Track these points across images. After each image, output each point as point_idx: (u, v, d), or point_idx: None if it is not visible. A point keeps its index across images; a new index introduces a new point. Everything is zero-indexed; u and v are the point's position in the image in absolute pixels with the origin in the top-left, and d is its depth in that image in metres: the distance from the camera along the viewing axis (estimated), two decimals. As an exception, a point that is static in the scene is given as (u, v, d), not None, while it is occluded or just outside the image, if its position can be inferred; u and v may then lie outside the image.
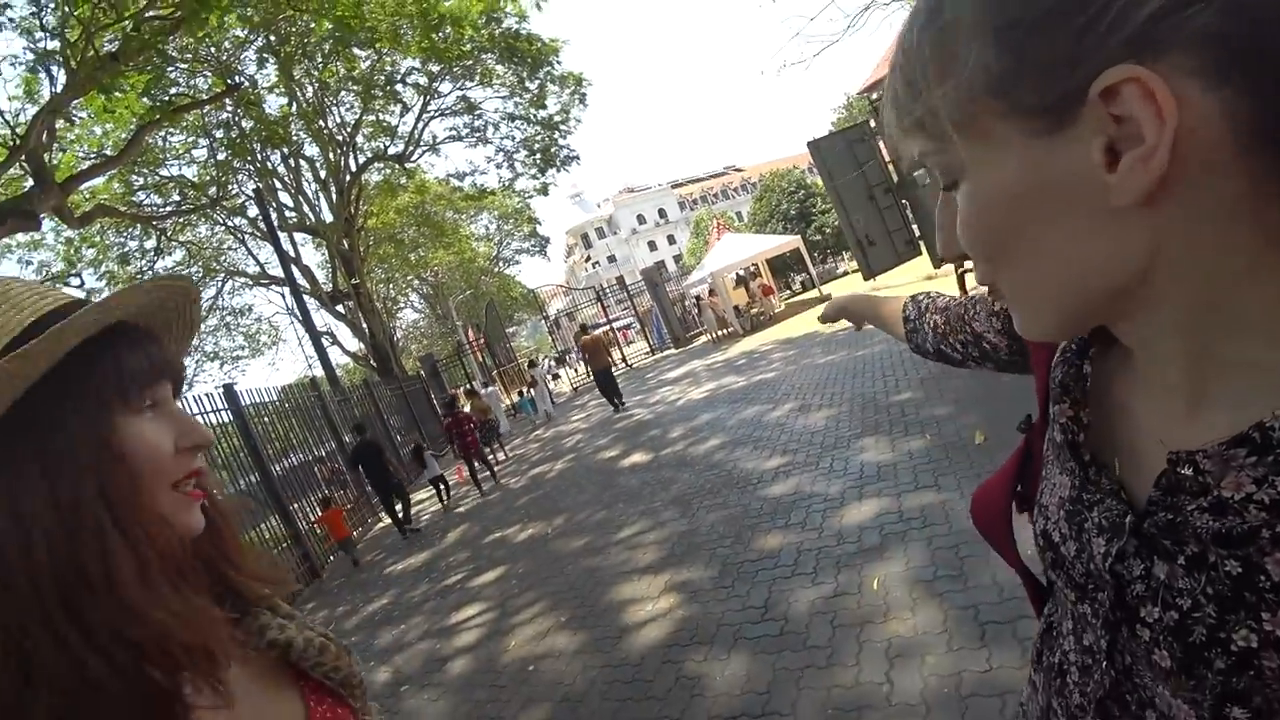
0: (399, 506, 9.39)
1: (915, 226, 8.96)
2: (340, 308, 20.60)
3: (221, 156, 15.47)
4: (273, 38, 12.81)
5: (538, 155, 20.45)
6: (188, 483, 0.59)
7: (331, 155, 18.85)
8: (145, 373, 0.58)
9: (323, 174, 19.98)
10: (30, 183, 8.66)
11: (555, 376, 26.55)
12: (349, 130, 18.76)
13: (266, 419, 9.80)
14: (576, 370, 25.50)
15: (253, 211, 17.95)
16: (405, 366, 24.94)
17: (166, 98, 10.52)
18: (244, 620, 0.65)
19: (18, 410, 0.51)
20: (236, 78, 12.97)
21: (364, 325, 20.27)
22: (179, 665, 0.51)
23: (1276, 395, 0.37)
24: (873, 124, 9.32)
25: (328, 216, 20.02)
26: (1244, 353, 0.39)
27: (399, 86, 17.77)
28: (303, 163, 20.16)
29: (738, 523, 4.83)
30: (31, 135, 8.03)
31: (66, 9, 7.84)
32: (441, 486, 10.58)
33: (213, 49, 12.43)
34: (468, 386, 18.38)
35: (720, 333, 19.51)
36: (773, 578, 3.79)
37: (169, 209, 15.66)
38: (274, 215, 15.83)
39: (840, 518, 4.27)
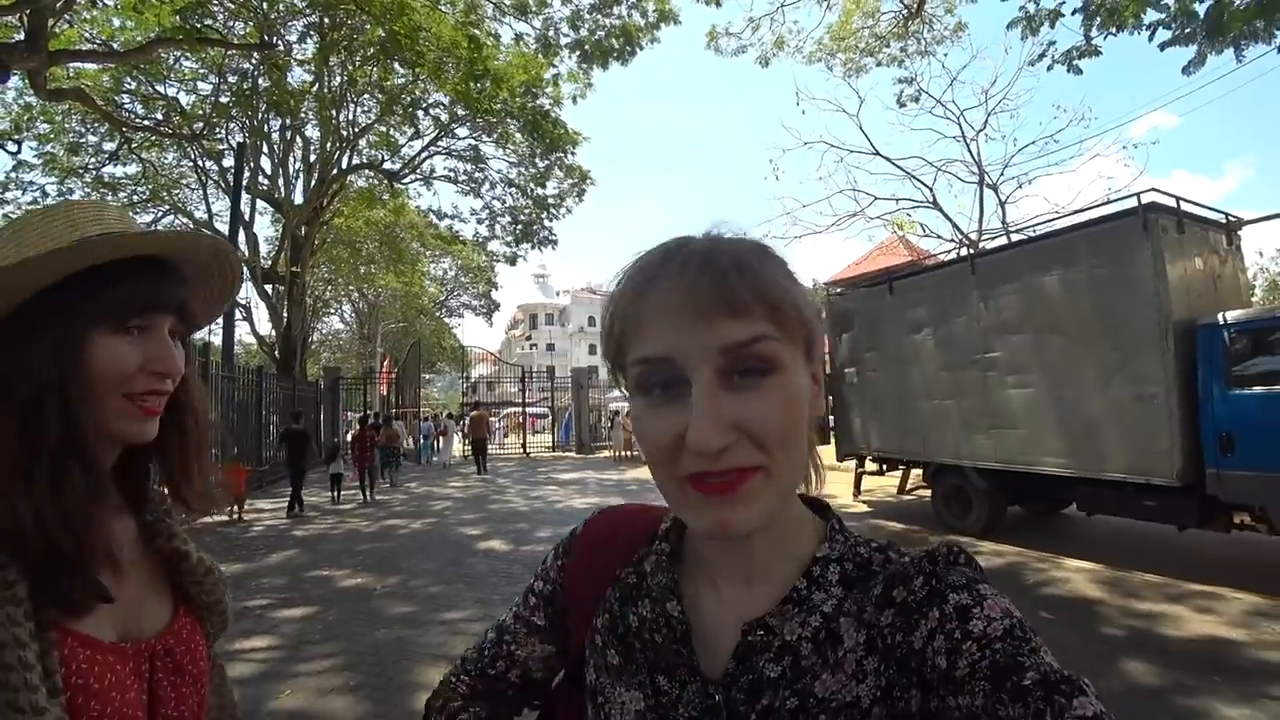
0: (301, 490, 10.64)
1: (832, 416, 9.43)
2: (269, 288, 19.74)
3: (224, 99, 15.15)
4: (326, 20, 12.98)
5: (520, 227, 20.87)
6: (145, 398, 0.69)
7: (329, 145, 18.77)
8: (132, 304, 0.68)
9: (312, 158, 19.78)
10: (20, 37, 8.24)
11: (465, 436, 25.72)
12: (356, 130, 18.83)
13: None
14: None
15: (227, 162, 17.46)
16: (308, 370, 23.74)
17: (199, 25, 10.37)
18: (157, 523, 0.78)
19: (25, 311, 0.65)
20: (275, 39, 13.00)
21: (284, 314, 19.41)
22: (33, 551, 0.60)
23: (790, 568, 0.57)
24: (823, 314, 10.00)
25: (298, 198, 19.62)
26: (785, 542, 0.58)
27: (420, 112, 18.13)
28: (299, 139, 19.96)
29: (570, 643, 4.62)
30: (50, -6, 7.73)
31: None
32: (338, 487, 12.06)
33: (264, 4, 12.50)
34: (380, 414, 17.68)
35: (624, 453, 19.49)
36: (582, 710, 3.59)
37: (147, 123, 15.01)
38: (246, 174, 15.39)
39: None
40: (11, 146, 14.04)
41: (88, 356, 0.66)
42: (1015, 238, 8.03)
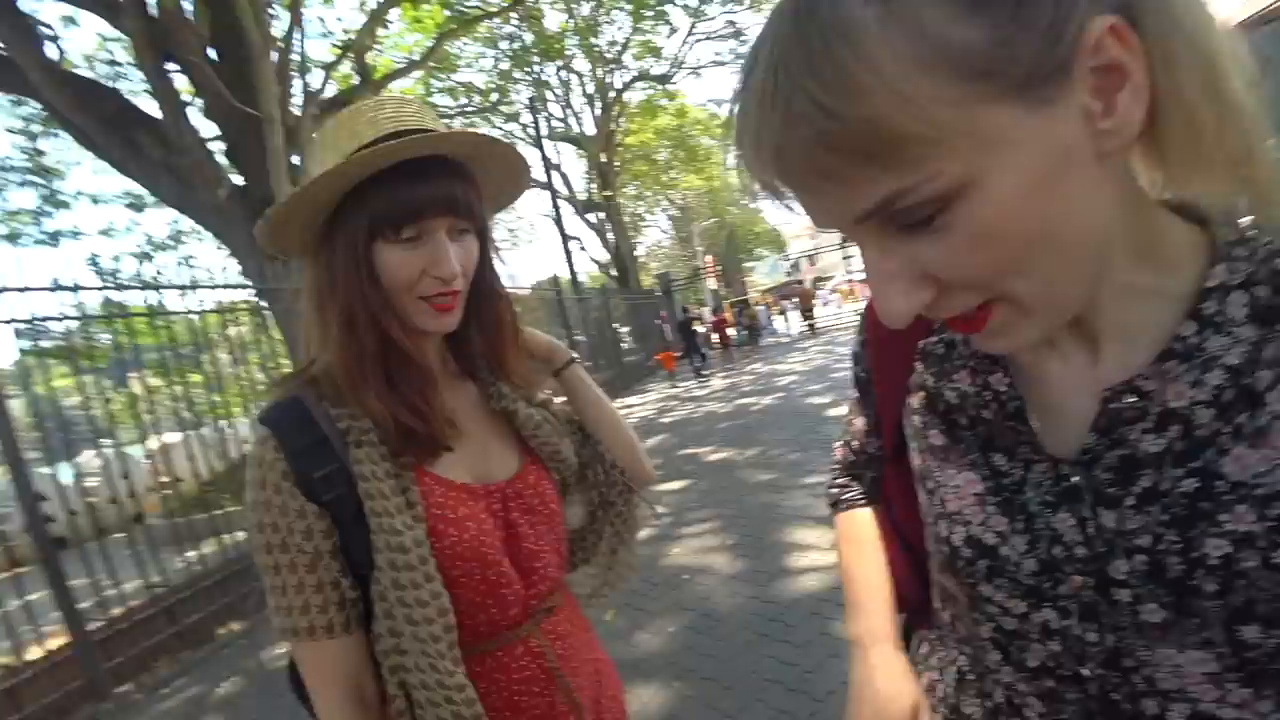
0: (697, 362, 15.14)
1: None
2: (591, 217, 21.94)
3: (504, 66, 16.84)
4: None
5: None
6: (435, 298, 0.75)
7: (599, 71, 19.69)
8: (398, 214, 0.71)
9: (589, 89, 21.00)
10: (357, 80, 10.21)
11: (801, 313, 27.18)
12: (618, 49, 19.38)
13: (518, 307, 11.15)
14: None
15: (525, 118, 19.56)
16: (642, 281, 26.11)
17: (463, 9, 11.60)
18: (489, 386, 0.88)
19: (330, 222, 0.74)
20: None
21: (610, 236, 21.46)
22: (385, 421, 0.73)
23: (1161, 312, 0.42)
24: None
25: (590, 130, 21.13)
26: (1136, 282, 0.42)
27: (667, 7, 17.86)
28: (573, 76, 21.38)
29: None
30: (359, 39, 9.39)
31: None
32: (705, 360, 15.56)
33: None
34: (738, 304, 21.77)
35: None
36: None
37: (455, 110, 17.61)
38: (543, 124, 17.05)
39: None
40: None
41: (376, 268, 0.72)
42: None
